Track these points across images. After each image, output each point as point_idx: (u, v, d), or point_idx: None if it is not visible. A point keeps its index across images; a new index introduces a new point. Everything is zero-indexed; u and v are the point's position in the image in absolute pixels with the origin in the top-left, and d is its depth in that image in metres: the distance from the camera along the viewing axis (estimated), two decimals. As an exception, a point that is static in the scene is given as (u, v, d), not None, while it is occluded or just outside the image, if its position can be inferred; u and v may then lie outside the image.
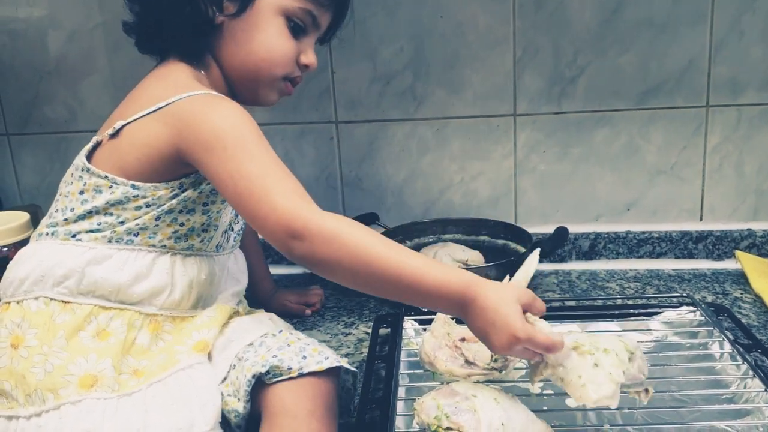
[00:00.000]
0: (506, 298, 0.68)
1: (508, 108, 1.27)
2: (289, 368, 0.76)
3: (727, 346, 0.88)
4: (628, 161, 1.27)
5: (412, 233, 1.31)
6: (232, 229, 0.92)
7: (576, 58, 1.23)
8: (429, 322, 0.97)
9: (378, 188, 1.34)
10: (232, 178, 0.74)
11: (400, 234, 1.29)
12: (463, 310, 0.70)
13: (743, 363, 0.84)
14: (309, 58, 0.89)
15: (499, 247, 1.26)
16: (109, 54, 1.33)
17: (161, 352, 0.81)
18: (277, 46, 0.86)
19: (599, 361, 0.67)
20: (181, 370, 0.78)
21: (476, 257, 1.21)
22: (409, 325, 0.99)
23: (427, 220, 1.32)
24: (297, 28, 0.87)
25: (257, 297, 1.12)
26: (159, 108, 0.80)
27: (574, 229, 1.28)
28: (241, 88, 0.89)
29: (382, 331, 1.01)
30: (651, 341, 0.94)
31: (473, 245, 1.25)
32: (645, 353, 0.91)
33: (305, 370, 0.76)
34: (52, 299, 0.79)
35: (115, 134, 0.82)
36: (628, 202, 1.30)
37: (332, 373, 0.78)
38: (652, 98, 1.24)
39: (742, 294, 1.14)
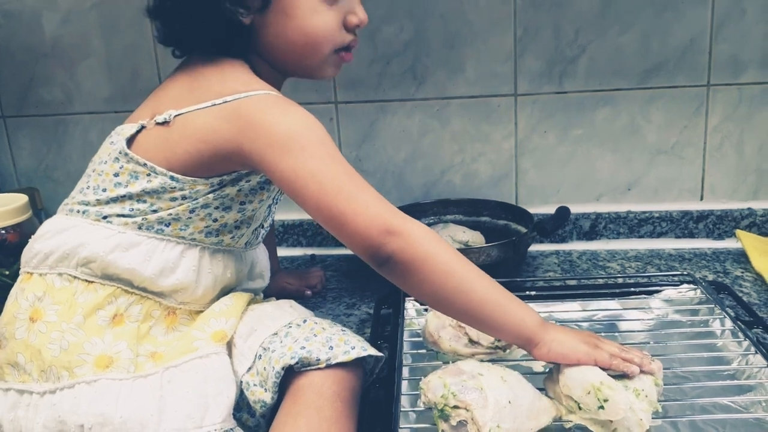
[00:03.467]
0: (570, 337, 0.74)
1: (509, 88, 1.27)
2: (318, 359, 0.76)
3: (729, 324, 0.89)
4: (629, 141, 1.27)
5: (413, 214, 1.25)
6: (262, 227, 0.91)
7: (577, 38, 1.23)
8: (431, 302, 0.98)
9: (378, 169, 1.34)
10: (315, 176, 0.73)
11: (400, 215, 1.29)
12: (527, 347, 0.75)
13: (745, 340, 0.84)
14: (358, 15, 0.83)
15: (500, 227, 1.26)
16: (105, 35, 1.32)
17: (178, 339, 0.80)
18: (314, 26, 0.81)
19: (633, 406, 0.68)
20: (199, 358, 0.77)
21: (477, 238, 1.21)
22: (411, 305, 0.99)
23: (427, 200, 1.32)
24: None
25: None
26: (218, 104, 0.77)
27: (575, 209, 1.28)
28: (295, 74, 0.87)
29: (384, 312, 1.01)
30: (652, 319, 0.94)
31: (474, 226, 1.25)
32: (646, 331, 0.92)
33: (333, 361, 0.76)
34: (75, 277, 0.78)
35: (164, 123, 0.79)
36: (629, 181, 1.29)
37: (357, 363, 0.79)
38: (653, 77, 1.23)
39: (742, 273, 1.14)
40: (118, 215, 0.79)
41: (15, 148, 1.41)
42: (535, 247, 1.27)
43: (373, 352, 0.79)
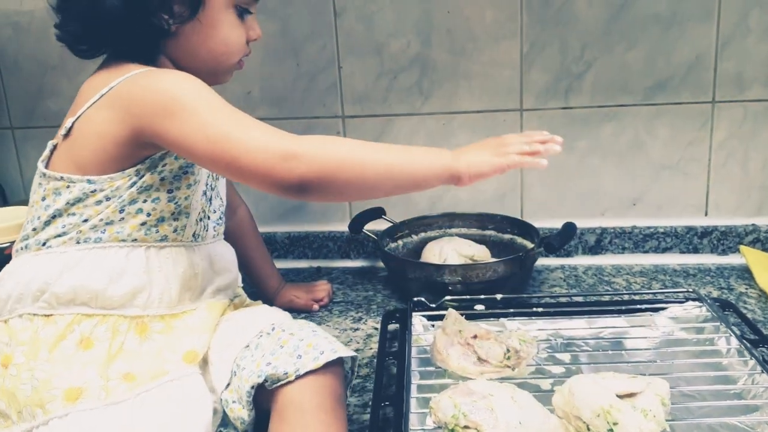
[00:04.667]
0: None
1: (514, 103, 1.28)
2: (285, 373, 0.75)
3: (734, 342, 0.89)
4: (634, 156, 1.28)
5: (419, 227, 1.31)
6: (209, 218, 0.90)
7: (583, 54, 1.24)
8: (438, 318, 0.99)
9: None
10: (202, 130, 0.73)
11: (406, 228, 1.30)
12: (453, 183, 0.78)
13: (751, 359, 0.85)
14: (256, 32, 0.91)
15: (506, 241, 1.27)
16: (114, 48, 1.33)
17: (151, 356, 0.78)
18: (233, 38, 0.87)
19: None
20: (170, 381, 0.76)
21: (483, 252, 1.22)
22: (418, 321, 0.99)
23: (433, 214, 1.33)
24: (244, 11, 0.88)
25: (265, 294, 1.13)
26: (102, 95, 0.79)
27: (580, 223, 1.28)
28: (200, 78, 0.85)
29: (391, 327, 1.02)
30: (657, 337, 0.95)
31: (480, 240, 1.26)
32: (652, 349, 0.93)
33: (302, 371, 0.75)
34: (35, 315, 0.78)
35: (67, 133, 0.80)
36: (634, 197, 1.30)
37: (333, 364, 0.77)
38: (659, 94, 1.24)
39: (747, 289, 1.15)
40: (55, 236, 0.80)
41: (23, 159, 1.42)
42: (540, 262, 1.27)
43: (344, 352, 0.78)
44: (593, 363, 0.89)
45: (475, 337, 0.86)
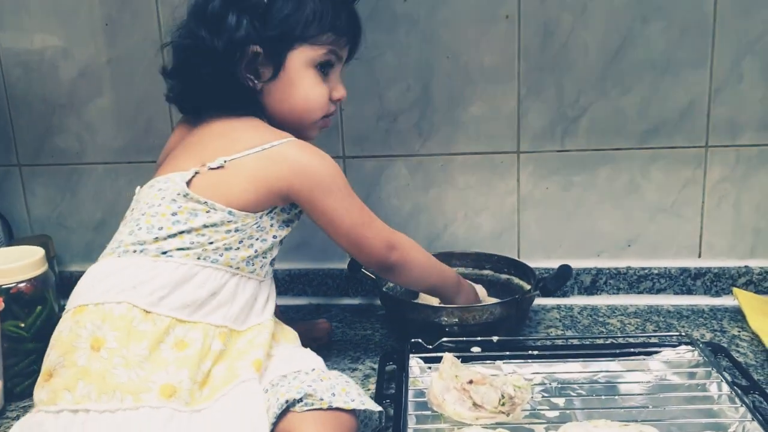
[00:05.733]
0: None
1: (511, 145, 1.30)
2: (321, 399, 0.82)
3: (725, 388, 0.91)
4: (629, 199, 1.30)
5: None
6: (274, 260, 0.99)
7: (579, 98, 1.26)
8: (434, 360, 1.00)
9: (384, 221, 1.35)
10: (349, 212, 0.95)
11: (405, 267, 1.31)
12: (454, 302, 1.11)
13: (741, 405, 0.86)
14: (340, 92, 1.02)
15: (503, 282, 1.29)
16: (120, 88, 1.36)
17: (225, 364, 0.87)
18: (313, 96, 0.98)
19: None
20: (243, 382, 0.84)
21: (480, 292, 1.23)
22: (415, 362, 1.01)
23: (431, 253, 1.34)
24: (325, 69, 0.99)
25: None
26: (264, 149, 0.91)
27: (576, 264, 1.31)
28: (287, 131, 0.97)
29: (389, 368, 1.03)
30: (650, 382, 0.97)
31: (477, 279, 1.27)
32: (645, 394, 0.94)
33: (333, 405, 0.82)
34: (135, 306, 0.83)
35: (217, 167, 0.91)
36: (629, 238, 1.32)
37: (355, 414, 0.85)
38: (653, 138, 1.27)
39: (739, 332, 1.16)
40: (178, 249, 0.88)
41: (29, 195, 1.44)
42: (537, 302, 1.29)
43: (371, 406, 0.85)
44: (587, 408, 0.90)
45: (470, 382, 0.87)
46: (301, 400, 0.82)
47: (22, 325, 1.04)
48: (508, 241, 1.36)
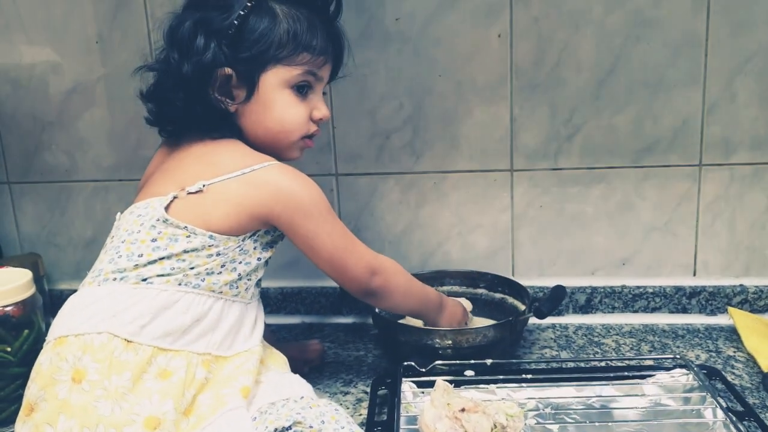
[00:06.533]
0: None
1: (505, 163, 1.30)
2: (311, 426, 0.82)
3: (720, 414, 0.90)
4: (623, 217, 1.30)
5: None
6: (260, 281, 0.99)
7: (572, 117, 1.26)
8: (427, 384, 0.99)
9: (376, 239, 1.36)
10: (330, 236, 0.94)
11: (398, 286, 1.30)
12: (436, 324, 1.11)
13: (736, 432, 0.86)
14: (321, 111, 1.00)
15: (497, 301, 1.28)
16: (110, 106, 1.35)
17: (212, 392, 0.85)
18: (288, 116, 0.96)
19: None
20: (230, 410, 0.83)
21: (465, 305, 1.21)
22: (408, 387, 1.00)
23: (424, 271, 1.33)
24: (303, 89, 0.97)
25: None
26: (244, 173, 0.90)
27: (571, 282, 1.30)
28: (266, 153, 0.96)
29: (381, 392, 1.02)
30: (645, 407, 0.96)
31: (470, 298, 1.26)
32: (639, 421, 0.93)
33: None
34: (115, 335, 0.82)
35: (196, 192, 0.89)
36: (624, 257, 1.32)
37: None
38: (647, 157, 1.26)
39: (735, 352, 1.15)
40: (158, 275, 0.86)
41: (19, 213, 1.43)
42: (532, 321, 1.27)
43: None
44: (581, 435, 0.89)
45: (463, 410, 0.86)
46: (290, 428, 0.82)
47: (9, 349, 1.02)
48: (502, 259, 1.35)
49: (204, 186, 0.89)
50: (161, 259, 0.87)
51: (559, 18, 1.22)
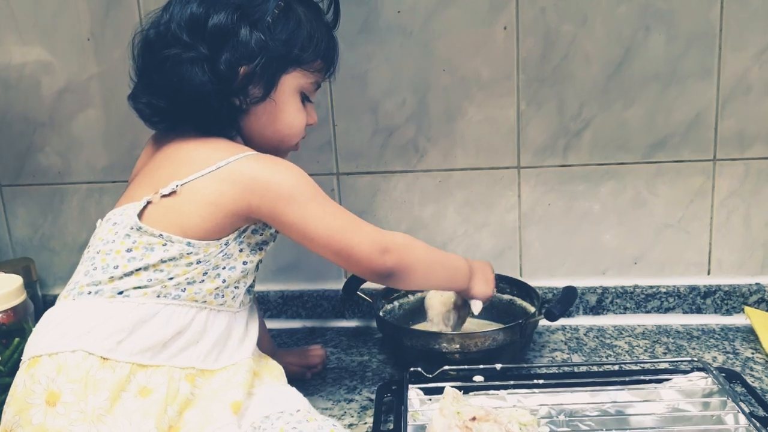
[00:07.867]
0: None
1: (512, 160, 1.26)
2: None
3: (743, 420, 0.86)
4: (635, 214, 1.25)
5: None
6: (252, 286, 0.94)
7: (581, 112, 1.22)
8: (435, 390, 0.95)
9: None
10: (323, 219, 0.86)
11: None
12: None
13: (761, 439, 0.82)
14: (313, 118, 0.99)
15: (505, 302, 1.23)
16: (103, 106, 1.31)
17: (199, 408, 0.81)
18: (296, 121, 0.94)
19: None
20: (219, 429, 0.79)
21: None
22: (414, 394, 0.96)
23: (430, 272, 1.30)
24: (306, 98, 0.96)
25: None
26: (219, 167, 0.84)
27: (581, 282, 1.26)
28: (261, 151, 0.91)
29: (387, 399, 0.98)
30: (662, 413, 0.92)
31: (477, 300, 1.23)
32: (658, 428, 0.89)
33: None
34: (90, 354, 0.77)
35: (170, 194, 0.84)
36: (635, 255, 1.27)
37: None
38: (659, 152, 1.22)
39: (753, 354, 1.11)
40: (135, 287, 0.82)
41: (11, 217, 1.39)
42: (541, 322, 1.24)
43: None
44: (597, 444, 0.85)
45: (473, 419, 0.82)
46: None
47: (-2, 359, 0.99)
48: (509, 259, 1.31)
49: (177, 186, 0.84)
50: (137, 270, 0.82)
51: (567, 9, 1.18)
